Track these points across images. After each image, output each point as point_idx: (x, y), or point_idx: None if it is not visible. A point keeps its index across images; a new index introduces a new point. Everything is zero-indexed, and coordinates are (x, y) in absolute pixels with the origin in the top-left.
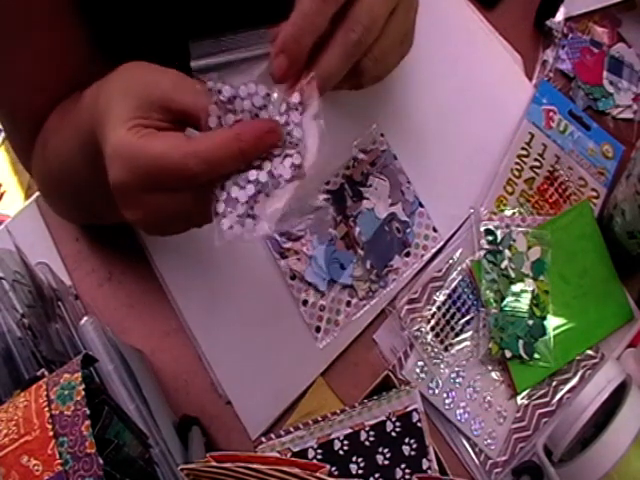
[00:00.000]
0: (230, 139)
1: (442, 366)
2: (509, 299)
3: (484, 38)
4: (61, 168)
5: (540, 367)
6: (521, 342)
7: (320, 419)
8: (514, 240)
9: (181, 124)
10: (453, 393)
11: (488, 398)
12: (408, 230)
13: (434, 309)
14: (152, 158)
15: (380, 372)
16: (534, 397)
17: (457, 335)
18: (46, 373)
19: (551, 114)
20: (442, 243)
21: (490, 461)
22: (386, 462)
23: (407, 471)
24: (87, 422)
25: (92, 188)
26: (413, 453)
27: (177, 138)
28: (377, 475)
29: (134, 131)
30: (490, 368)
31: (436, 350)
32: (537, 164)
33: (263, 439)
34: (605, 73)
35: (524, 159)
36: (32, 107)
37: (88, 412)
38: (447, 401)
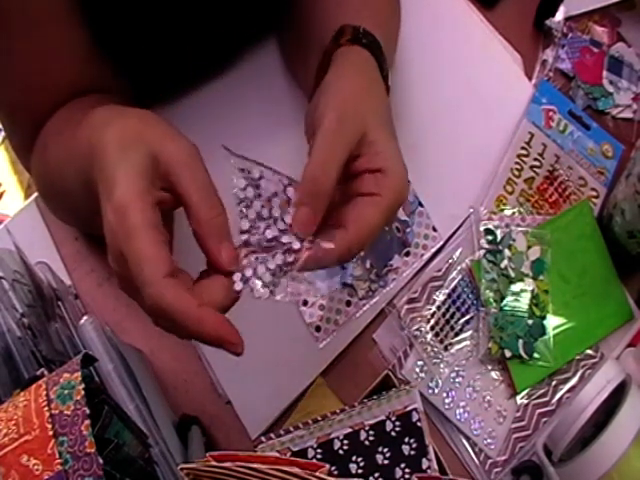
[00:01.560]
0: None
1: (442, 366)
2: (509, 299)
3: (484, 38)
4: (58, 179)
5: (540, 367)
6: (521, 342)
7: (320, 419)
8: (514, 240)
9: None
10: (453, 393)
11: (488, 398)
12: (408, 230)
13: (434, 309)
14: (138, 254)
15: (380, 372)
16: (534, 397)
17: (457, 335)
18: (46, 373)
19: (551, 114)
20: (442, 243)
21: (490, 461)
22: (386, 462)
23: (407, 471)
24: (87, 422)
25: (84, 207)
26: (413, 453)
27: (167, 264)
28: (377, 475)
29: (142, 202)
30: (490, 368)
31: (436, 350)
32: (537, 164)
33: (263, 439)
34: (605, 73)
35: (524, 159)
36: (32, 107)
37: (88, 412)
38: (447, 401)
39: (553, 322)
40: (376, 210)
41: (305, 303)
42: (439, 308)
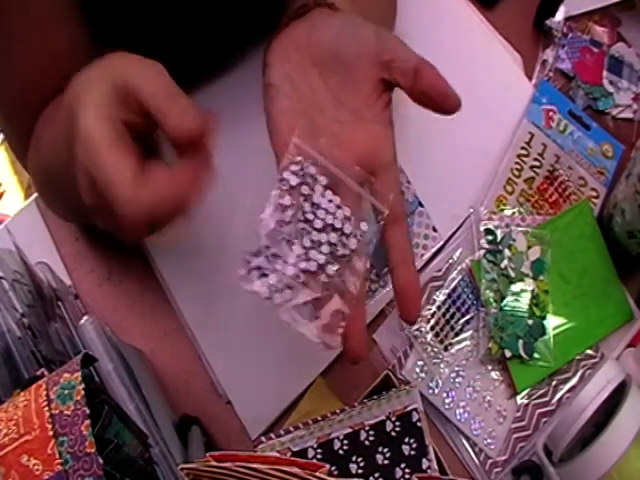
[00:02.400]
0: (170, 199)
1: (442, 366)
2: (509, 299)
3: (484, 38)
4: (50, 166)
5: (540, 367)
6: (521, 342)
7: (320, 419)
8: (514, 240)
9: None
10: (453, 393)
11: (488, 398)
12: (408, 230)
13: (434, 309)
14: (101, 166)
15: (380, 372)
16: (534, 397)
17: (457, 335)
18: (46, 373)
19: (551, 114)
20: (442, 243)
21: (490, 461)
22: (386, 462)
23: (407, 471)
24: (87, 422)
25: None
26: (413, 453)
27: (129, 168)
28: (377, 475)
29: (108, 127)
30: (490, 368)
31: (436, 350)
32: (537, 164)
33: (263, 439)
34: (605, 73)
35: (524, 159)
36: (31, 107)
37: (88, 412)
38: (447, 401)
39: (553, 322)
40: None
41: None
42: (439, 308)
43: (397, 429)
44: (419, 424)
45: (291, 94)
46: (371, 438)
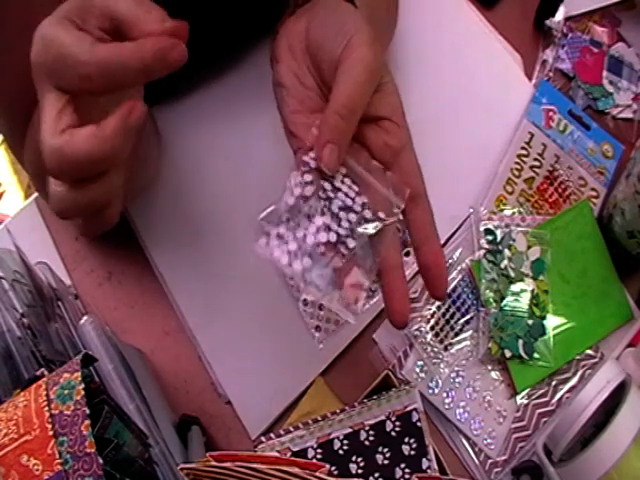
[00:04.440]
0: (132, 51)
1: (442, 366)
2: (509, 299)
3: (484, 38)
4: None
5: (540, 367)
6: (521, 342)
7: (320, 419)
8: (514, 240)
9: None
10: (453, 393)
11: (488, 398)
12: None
13: (434, 309)
14: (59, 44)
15: (380, 372)
16: (534, 397)
17: (457, 335)
18: (46, 372)
19: (551, 114)
20: (442, 243)
21: (490, 461)
22: (386, 462)
23: (407, 471)
24: (87, 422)
25: None
26: (413, 453)
27: (84, 37)
28: (377, 475)
29: (63, 24)
30: (490, 368)
31: (436, 350)
32: (537, 164)
33: (263, 439)
34: (605, 73)
35: (524, 159)
36: (30, 107)
37: (88, 412)
38: (447, 401)
39: (553, 322)
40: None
41: (305, 303)
42: (439, 308)
43: (397, 429)
44: (419, 424)
45: (301, 93)
46: (371, 438)
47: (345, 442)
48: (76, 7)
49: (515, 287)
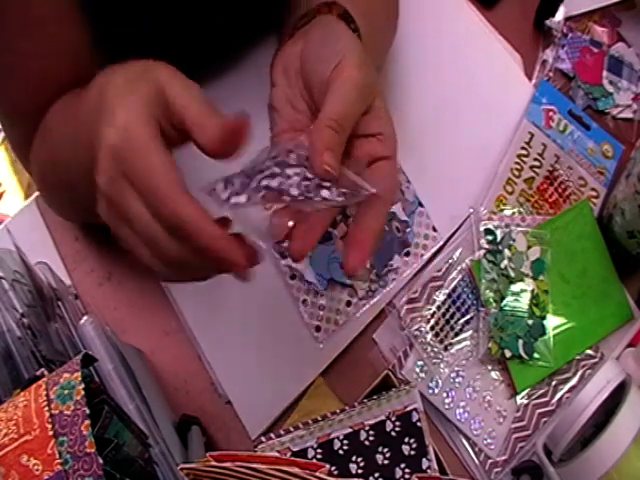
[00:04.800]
0: (211, 238)
1: (442, 366)
2: (509, 299)
3: (484, 38)
4: (57, 159)
5: (540, 367)
6: (521, 342)
7: (320, 419)
8: (514, 240)
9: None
10: (453, 393)
11: (488, 398)
12: (408, 230)
13: (434, 309)
14: (148, 167)
15: (380, 372)
16: (534, 397)
17: (457, 335)
18: (46, 372)
19: (551, 114)
20: (442, 243)
21: (490, 461)
22: (386, 462)
23: (407, 471)
24: (87, 422)
25: (87, 186)
26: (413, 453)
27: (178, 177)
28: (377, 475)
29: (150, 126)
30: (490, 368)
31: (436, 350)
32: (537, 164)
33: (263, 439)
34: (605, 73)
35: (524, 159)
36: (32, 107)
37: (88, 412)
38: (447, 401)
39: (553, 322)
40: (394, 172)
41: (305, 303)
42: (439, 308)
43: (397, 429)
44: (419, 424)
45: (291, 116)
46: (371, 438)
47: (345, 442)
48: (157, 103)
49: (515, 287)
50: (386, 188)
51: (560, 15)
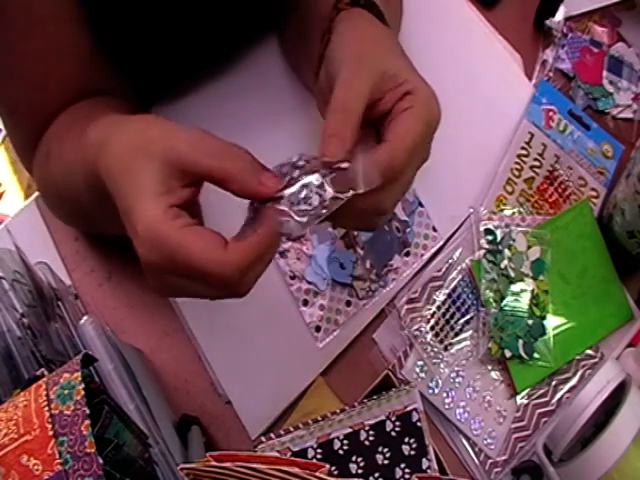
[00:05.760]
0: (258, 246)
1: (442, 366)
2: (509, 299)
3: (484, 38)
4: (63, 186)
5: (540, 367)
6: (521, 342)
7: (320, 419)
8: (514, 240)
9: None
10: (453, 393)
11: (488, 398)
12: (408, 230)
13: (434, 309)
14: (189, 257)
15: (380, 372)
16: (534, 397)
17: (457, 335)
18: (46, 373)
19: (551, 114)
20: (442, 243)
21: (490, 461)
22: (386, 462)
23: (407, 471)
24: (87, 422)
25: (94, 210)
26: (413, 453)
27: (215, 243)
28: (377, 475)
29: (170, 216)
30: (490, 368)
31: (436, 350)
32: (537, 164)
33: (263, 439)
34: (605, 73)
35: (524, 159)
36: (33, 107)
37: (88, 412)
38: (447, 401)
39: (553, 322)
40: (414, 119)
41: (305, 303)
42: (439, 308)
43: (397, 429)
44: (419, 424)
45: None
46: (371, 438)
47: (345, 442)
48: (161, 179)
49: (515, 287)
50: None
51: (560, 15)
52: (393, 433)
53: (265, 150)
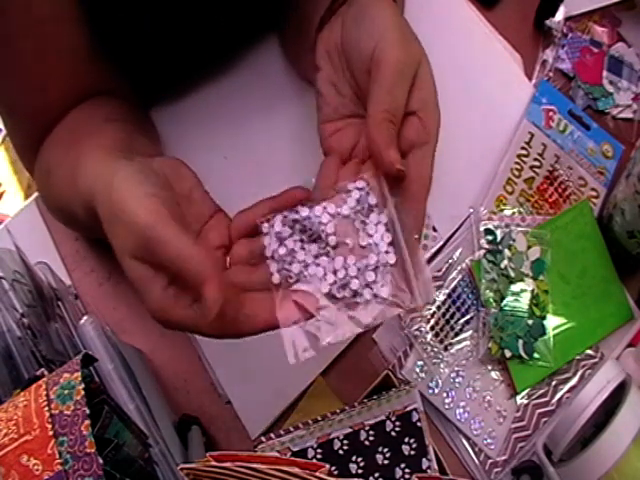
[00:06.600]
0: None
1: (442, 366)
2: (509, 299)
3: (484, 38)
4: (64, 204)
5: (540, 367)
6: (521, 342)
7: (320, 419)
8: (514, 240)
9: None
10: (453, 393)
11: (488, 398)
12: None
13: (434, 309)
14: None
15: (380, 372)
16: (534, 397)
17: (457, 335)
18: (46, 372)
19: (551, 114)
20: (442, 243)
21: (490, 461)
22: (386, 462)
23: (407, 471)
24: (87, 422)
25: (94, 226)
26: (413, 453)
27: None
28: (377, 475)
29: (169, 300)
30: (490, 368)
31: (436, 350)
32: (537, 164)
33: (263, 439)
34: (605, 73)
35: (524, 159)
36: (33, 107)
37: (88, 412)
38: (447, 401)
39: (553, 322)
40: (429, 161)
41: None
42: (439, 308)
43: (397, 429)
44: (419, 424)
45: (335, 101)
46: (371, 438)
47: (345, 442)
48: (162, 189)
49: (515, 287)
50: (419, 180)
51: (560, 15)
52: (393, 433)
53: (265, 150)
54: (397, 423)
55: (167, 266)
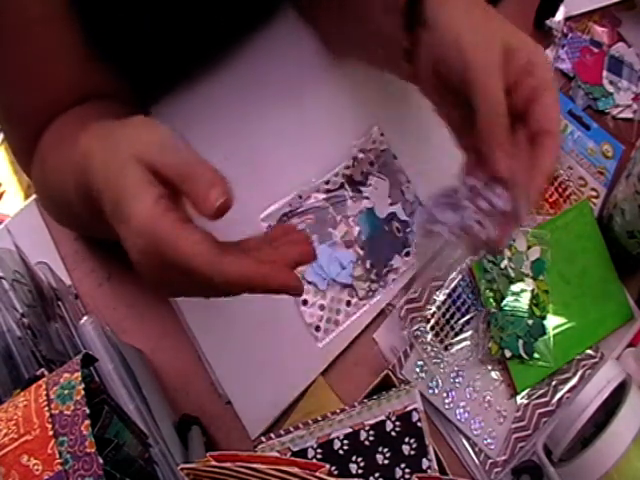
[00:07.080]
0: (256, 275)
1: (442, 366)
2: (509, 299)
3: None
4: (58, 195)
5: (540, 367)
6: (521, 342)
7: (320, 419)
8: (514, 240)
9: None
10: (453, 393)
11: (488, 398)
12: (408, 230)
13: (434, 309)
14: (182, 256)
15: (380, 371)
16: (534, 397)
17: (457, 335)
18: (46, 372)
19: None
20: (442, 242)
21: (490, 461)
22: (386, 462)
23: (407, 471)
24: (87, 421)
25: (87, 216)
26: (413, 453)
27: (210, 245)
28: (377, 475)
29: (161, 208)
30: (490, 368)
31: (436, 350)
32: None
33: (263, 439)
34: (605, 73)
35: None
36: (30, 110)
37: (88, 411)
38: (447, 401)
39: (553, 322)
40: (553, 98)
41: (305, 303)
42: (439, 308)
43: (397, 429)
44: (419, 424)
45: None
46: (371, 438)
47: (345, 442)
48: (145, 179)
49: (515, 287)
50: (552, 121)
51: (560, 15)
52: (393, 433)
53: (265, 149)
54: (397, 423)
55: (172, 175)
